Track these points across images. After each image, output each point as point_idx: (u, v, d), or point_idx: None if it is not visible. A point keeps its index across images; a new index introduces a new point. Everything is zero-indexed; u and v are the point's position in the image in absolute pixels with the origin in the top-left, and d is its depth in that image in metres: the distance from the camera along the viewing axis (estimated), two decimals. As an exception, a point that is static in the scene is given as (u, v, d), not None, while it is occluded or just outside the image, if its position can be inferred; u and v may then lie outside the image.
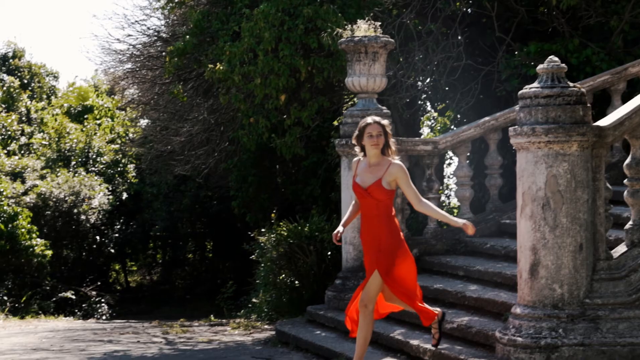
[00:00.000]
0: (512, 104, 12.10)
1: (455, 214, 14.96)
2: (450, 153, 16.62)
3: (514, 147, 7.71)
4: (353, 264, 10.72)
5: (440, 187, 12.04)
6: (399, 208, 10.81)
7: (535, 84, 7.49)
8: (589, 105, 7.46)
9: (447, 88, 14.90)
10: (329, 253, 12.13)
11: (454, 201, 18.65)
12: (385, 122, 7.36)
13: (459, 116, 15.29)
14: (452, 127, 15.88)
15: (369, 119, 7.34)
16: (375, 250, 7.28)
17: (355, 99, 12.25)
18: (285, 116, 13.89)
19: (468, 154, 11.54)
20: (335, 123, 15.04)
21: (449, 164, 19.02)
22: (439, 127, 17.82)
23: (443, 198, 18.40)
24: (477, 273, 9.73)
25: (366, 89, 10.84)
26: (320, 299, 11.30)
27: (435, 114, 17.62)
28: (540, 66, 7.52)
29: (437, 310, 7.64)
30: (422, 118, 18.08)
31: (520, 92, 7.58)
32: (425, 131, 19.31)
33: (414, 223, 12.81)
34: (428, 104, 17.18)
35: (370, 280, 7.29)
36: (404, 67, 13.94)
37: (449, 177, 19.68)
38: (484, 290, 9.14)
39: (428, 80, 15.57)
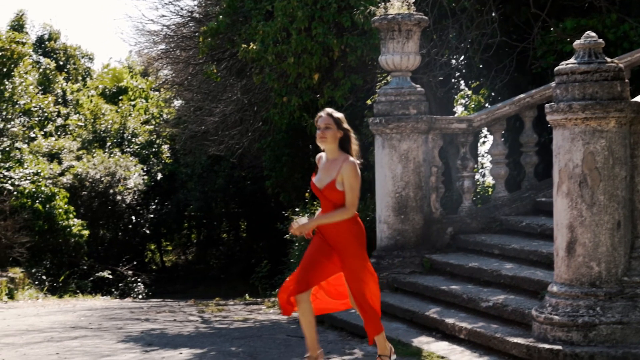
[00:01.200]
0: (548, 81, 11.97)
1: (490, 193, 14.89)
2: (484, 131, 16.51)
3: (549, 125, 7.63)
4: (387, 242, 10.71)
5: (475, 166, 11.96)
6: (432, 187, 10.78)
7: (572, 60, 7.39)
8: (626, 81, 7.35)
9: (481, 66, 14.77)
10: (363, 232, 12.09)
11: (489, 180, 18.53)
12: (338, 115, 6.72)
13: (493, 94, 15.16)
14: (487, 105, 15.75)
15: (321, 112, 6.78)
16: (334, 255, 6.76)
17: (388, 78, 12.20)
18: (318, 95, 13.86)
19: (503, 131, 11.46)
20: (369, 102, 14.97)
21: (484, 143, 18.89)
22: (473, 106, 17.69)
23: (477, 177, 18.27)
24: (513, 251, 9.68)
25: (400, 67, 10.77)
26: (355, 277, 11.27)
27: (469, 92, 17.48)
28: (577, 42, 7.43)
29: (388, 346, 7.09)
30: (455, 96, 17.95)
31: (556, 68, 7.49)
32: (459, 109, 19.17)
33: (449, 202, 12.75)
34: (462, 82, 17.05)
35: (349, 281, 6.81)
36: (438, 44, 13.83)
37: (483, 155, 19.55)
38: (519, 269, 9.10)
39: (462, 58, 15.45)
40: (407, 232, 10.65)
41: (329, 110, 6.77)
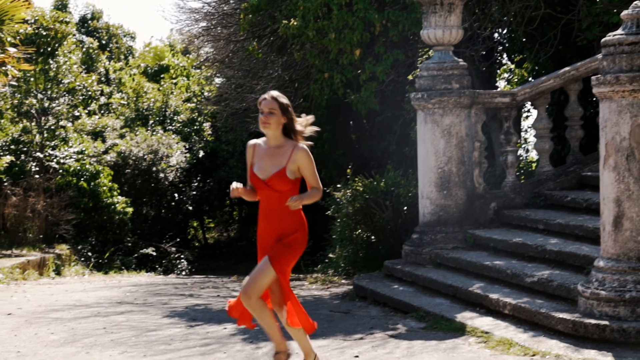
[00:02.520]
0: (593, 54, 11.80)
1: (533, 167, 14.76)
2: (528, 106, 16.34)
3: (595, 98, 7.52)
4: (430, 218, 10.67)
5: (518, 141, 11.85)
6: (475, 162, 10.71)
7: (619, 31, 7.27)
8: (675, 52, 7.21)
9: (524, 39, 14.58)
10: (405, 208, 12.09)
11: (532, 154, 18.36)
12: (283, 100, 6.16)
13: (536, 68, 14.98)
14: (530, 79, 15.57)
15: (265, 94, 6.21)
16: (275, 244, 6.17)
17: (430, 52, 12.11)
18: (359, 71, 13.80)
19: (547, 105, 11.33)
20: (410, 77, 14.88)
21: (527, 117, 18.70)
22: (516, 80, 17.48)
23: (521, 151, 18.11)
24: (558, 226, 9.60)
25: (442, 42, 10.68)
26: (397, 253, 11.29)
27: (512, 66, 17.28)
28: (624, 12, 7.30)
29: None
30: (498, 71, 17.78)
31: (603, 39, 7.37)
32: (501, 84, 18.98)
33: (492, 177, 12.65)
34: (505, 56, 16.87)
35: (263, 271, 6.12)
36: (480, 18, 13.68)
37: (526, 130, 19.37)
38: (564, 244, 9.02)
39: (505, 31, 15.28)
40: (449, 207, 10.60)
41: (273, 93, 6.19)
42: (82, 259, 18.34)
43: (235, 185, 6.17)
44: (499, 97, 11.01)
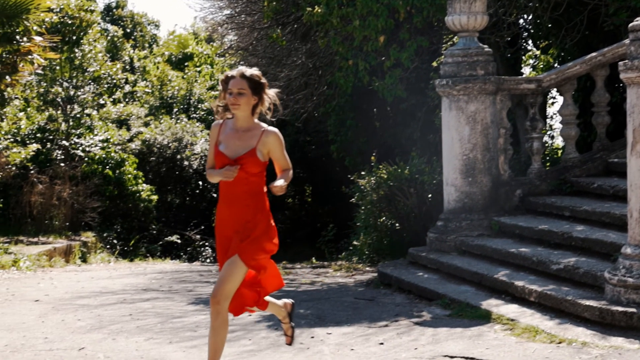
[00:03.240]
0: (620, 39, 11.67)
1: (559, 154, 14.67)
2: (553, 92, 16.22)
3: (622, 83, 7.45)
4: (455, 205, 10.64)
5: (544, 127, 11.77)
6: (501, 148, 10.65)
7: (647, 16, 7.19)
8: None
9: (550, 25, 14.46)
10: (430, 195, 12.06)
11: (558, 141, 18.24)
12: (253, 74, 5.73)
13: (562, 54, 14.85)
14: (556, 65, 15.46)
15: (233, 71, 5.76)
16: (241, 236, 5.75)
17: (455, 39, 12.04)
18: (383, 58, 13.75)
19: (573, 91, 11.24)
20: (435, 64, 14.80)
21: (553, 104, 18.57)
22: (541, 66, 17.37)
23: (546, 138, 18.01)
24: (584, 213, 9.54)
25: (467, 28, 10.61)
26: (421, 241, 11.27)
27: (538, 52, 17.16)
28: (651, -3, 7.22)
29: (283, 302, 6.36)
30: (523, 57, 17.66)
31: (630, 25, 7.29)
32: (526, 70, 18.85)
33: (517, 164, 12.59)
34: (530, 42, 16.75)
35: (231, 270, 5.69)
36: (505, 4, 13.57)
37: (551, 117, 19.24)
38: (591, 231, 8.97)
39: (530, 17, 15.15)
40: (474, 194, 10.56)
41: (242, 70, 5.72)
42: (108, 246, 18.46)
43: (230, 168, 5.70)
44: (525, 84, 10.93)
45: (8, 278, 12.00)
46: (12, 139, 18.23)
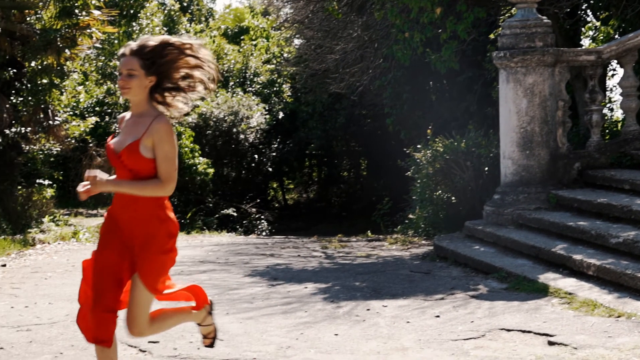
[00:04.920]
0: (683, 9, 11.41)
1: (619, 127, 14.43)
2: (613, 64, 15.93)
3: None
4: (512, 178, 10.54)
5: (603, 99, 11.58)
6: (559, 121, 10.51)
7: None
8: None
9: (611, -5, 14.19)
10: (486, 168, 11.97)
11: (618, 114, 17.93)
12: (150, 47, 4.62)
13: (623, 25, 14.56)
14: (616, 36, 15.16)
15: (124, 47, 4.71)
16: (135, 250, 4.67)
17: (513, 10, 11.88)
18: (440, 30, 13.62)
19: (634, 63, 11.02)
20: (492, 36, 14.64)
21: (612, 75, 18.24)
22: (601, 38, 17.04)
23: (605, 111, 17.71)
24: (644, 187, 9.39)
25: (525, -1, 10.47)
26: (478, 214, 11.21)
27: (598, 24, 16.84)
28: None
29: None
30: (583, 29, 17.35)
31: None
32: (586, 42, 18.53)
33: (575, 136, 12.42)
34: (590, 13, 16.44)
35: (137, 297, 4.72)
36: (565, -26, 13.35)
37: (611, 89, 18.92)
38: (651, 204, 8.83)
39: (591, -13, 14.87)
40: (532, 167, 10.45)
41: (132, 44, 4.68)
42: (165, 218, 18.67)
43: (90, 174, 4.58)
44: (584, 55, 10.75)
45: (68, 249, 12.23)
46: (71, 113, 18.50)
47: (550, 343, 6.15)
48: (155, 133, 4.56)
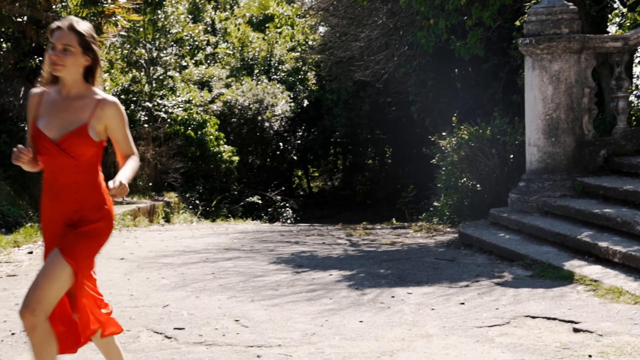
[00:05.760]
0: None
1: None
2: (640, 51, 15.78)
3: None
4: (537, 166, 10.50)
5: (630, 86, 11.48)
6: (585, 108, 10.44)
7: None
8: None
9: (638, -19, 14.06)
10: (512, 156, 11.93)
11: (645, 101, 17.76)
12: (85, 28, 4.43)
13: (651, 11, 14.43)
14: (644, 22, 15.01)
15: (59, 22, 4.44)
16: (68, 233, 4.43)
17: (539, -4, 11.79)
18: (465, 17, 13.56)
19: (661, 49, 10.95)
20: (518, 23, 14.54)
21: (639, 62, 18.07)
22: (628, 24, 16.89)
23: (632, 98, 17.57)
24: (671, 174, 9.32)
25: (551, -15, 10.40)
26: (503, 201, 11.17)
27: (624, 10, 16.69)
28: None
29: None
30: (609, 15, 17.20)
31: None
32: (612, 29, 18.37)
33: (602, 124, 12.34)
34: (617, -1, 16.31)
35: (53, 273, 4.32)
36: (592, -40, 13.25)
37: (637, 76, 18.75)
38: (678, 192, 8.76)
39: (617, -27, 14.74)
40: (557, 154, 10.40)
41: (72, 20, 4.43)
42: (190, 206, 18.78)
43: (19, 148, 4.33)
44: (611, 42, 10.67)
45: (95, 236, 12.32)
46: (97, 101, 18.58)
47: (576, 330, 6.13)
48: (110, 117, 4.42)
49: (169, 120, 19.66)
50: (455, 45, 13.81)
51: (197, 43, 24.95)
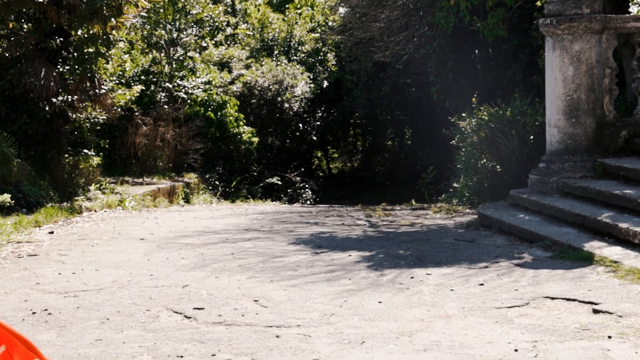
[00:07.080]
0: None
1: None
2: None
3: None
4: (558, 147, 10.45)
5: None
6: (606, 89, 10.37)
7: None
8: None
9: (661, -40, 13.91)
10: (532, 137, 11.87)
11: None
12: None
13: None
14: (667, 2, 14.87)
15: None
16: None
17: (560, -24, 11.68)
18: (486, -3, 13.48)
19: (684, 29, 10.83)
20: (539, 3, 14.43)
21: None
22: (651, 4, 16.74)
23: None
24: (693, 155, 9.25)
25: (573, -36, 10.30)
26: (522, 183, 11.13)
27: (648, -10, 16.54)
28: None
29: None
30: (632, -5, 17.05)
31: None
32: (634, 9, 18.21)
33: (622, 104, 12.25)
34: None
35: None
36: (614, -61, 13.11)
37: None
38: (700, 173, 8.70)
39: (640, -48, 14.59)
40: (578, 135, 10.35)
41: None
42: (210, 187, 18.83)
43: None
44: (632, 22, 10.57)
45: (114, 217, 12.40)
46: (117, 81, 18.66)
47: (595, 311, 6.12)
48: None
49: (188, 101, 19.68)
50: (477, 27, 13.73)
51: (217, 24, 24.93)
